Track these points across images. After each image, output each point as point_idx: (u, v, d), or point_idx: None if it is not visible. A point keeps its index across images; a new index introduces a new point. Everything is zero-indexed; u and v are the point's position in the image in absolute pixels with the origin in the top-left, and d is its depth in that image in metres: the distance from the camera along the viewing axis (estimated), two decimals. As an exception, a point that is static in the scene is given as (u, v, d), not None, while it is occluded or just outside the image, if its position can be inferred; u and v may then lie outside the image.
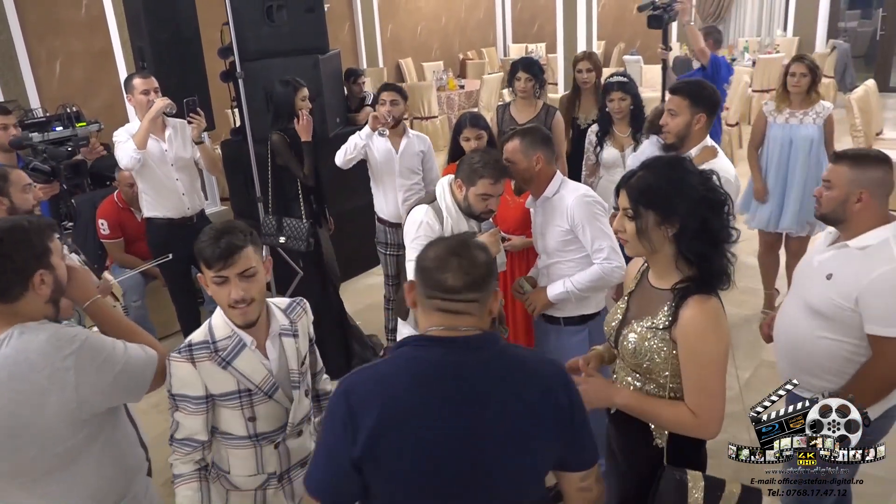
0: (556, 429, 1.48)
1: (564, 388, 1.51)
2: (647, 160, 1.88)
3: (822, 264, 2.16)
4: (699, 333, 1.71)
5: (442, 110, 9.93)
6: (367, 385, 1.46)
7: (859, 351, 2.09)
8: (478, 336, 1.47)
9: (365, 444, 1.39)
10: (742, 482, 1.79)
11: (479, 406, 1.42)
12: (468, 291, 1.45)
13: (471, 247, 1.50)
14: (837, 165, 2.14)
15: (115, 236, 4.41)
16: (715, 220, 1.75)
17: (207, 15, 5.21)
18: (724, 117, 8.21)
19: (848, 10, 13.47)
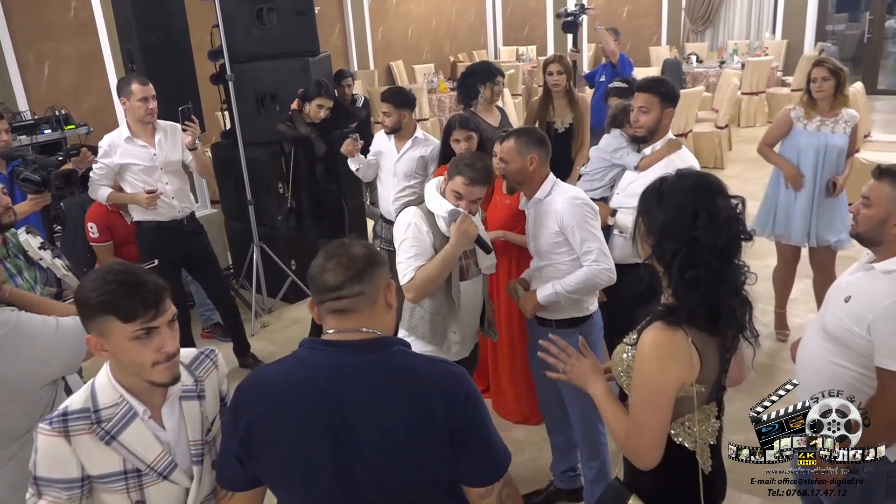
0: (439, 441, 1.43)
1: (462, 399, 1.45)
2: (681, 171, 1.74)
3: (848, 285, 2.02)
4: (643, 359, 1.62)
5: (433, 112, 9.94)
6: (254, 384, 1.53)
7: (869, 383, 1.93)
8: (370, 340, 1.47)
9: (241, 438, 1.46)
10: None
11: (347, 411, 1.42)
12: (350, 285, 1.45)
13: (348, 245, 1.51)
14: (880, 182, 1.97)
15: (104, 239, 4.38)
16: (687, 256, 1.58)
17: (197, 17, 5.19)
18: (715, 119, 8.28)
19: (836, 13, 13.56)
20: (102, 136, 3.90)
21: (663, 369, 1.60)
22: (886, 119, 9.62)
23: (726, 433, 3.52)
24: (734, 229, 1.62)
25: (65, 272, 2.90)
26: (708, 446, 1.72)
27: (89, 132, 6.01)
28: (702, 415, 1.70)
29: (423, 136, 3.97)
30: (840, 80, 3.82)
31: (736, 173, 7.81)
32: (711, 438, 1.73)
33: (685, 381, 1.62)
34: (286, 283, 5.17)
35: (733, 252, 1.63)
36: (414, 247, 2.53)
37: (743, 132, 9.58)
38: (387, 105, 3.88)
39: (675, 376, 1.60)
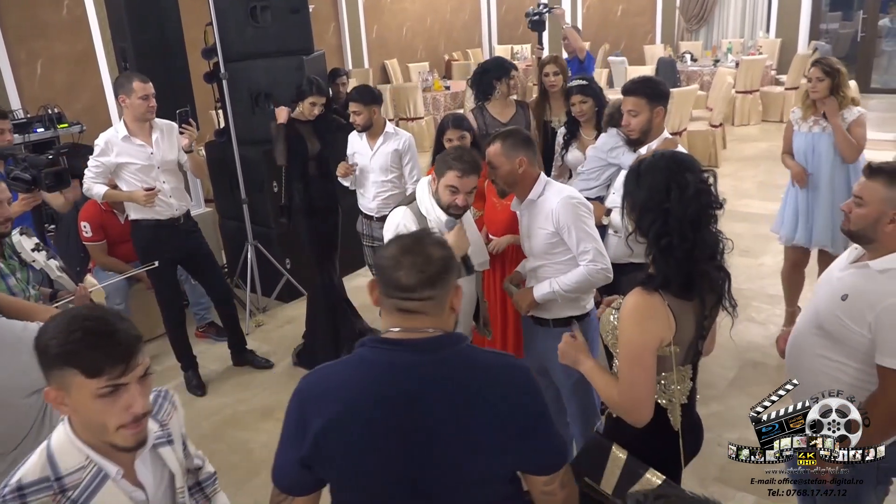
0: (511, 434, 1.45)
1: (527, 394, 1.48)
2: (657, 152, 1.95)
3: (840, 281, 2.04)
4: (624, 320, 1.80)
5: (427, 111, 9.93)
6: (320, 386, 1.48)
7: (861, 377, 1.97)
8: (434, 338, 1.45)
9: (311, 444, 1.42)
10: (666, 478, 1.79)
11: (426, 409, 1.41)
12: (423, 289, 1.43)
13: (425, 243, 1.47)
14: (872, 181, 1.98)
15: (97, 239, 4.37)
16: (663, 226, 1.76)
17: (191, 16, 5.17)
18: (709, 118, 8.30)
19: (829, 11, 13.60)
20: (95, 135, 3.88)
21: (643, 329, 1.78)
22: (880, 117, 9.64)
23: (724, 431, 3.54)
24: (704, 200, 1.80)
25: (59, 273, 2.89)
26: (679, 405, 1.89)
27: (82, 131, 5.98)
28: (678, 374, 1.86)
29: (393, 130, 4.01)
30: (836, 81, 3.76)
31: (730, 171, 7.83)
32: (684, 398, 1.89)
33: (663, 340, 1.78)
34: (281, 282, 5.16)
35: (704, 220, 1.80)
36: None
37: (737, 131, 9.61)
38: (355, 104, 3.91)
39: (654, 335, 1.77)
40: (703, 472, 3.16)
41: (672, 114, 7.61)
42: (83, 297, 3.09)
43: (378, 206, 4.02)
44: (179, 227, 3.96)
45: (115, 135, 3.76)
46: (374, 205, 4.02)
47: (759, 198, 6.76)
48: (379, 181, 3.99)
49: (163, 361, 4.55)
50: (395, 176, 3.99)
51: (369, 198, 4.05)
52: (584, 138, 4.07)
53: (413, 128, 9.73)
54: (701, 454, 3.24)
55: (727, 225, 5.89)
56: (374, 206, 4.02)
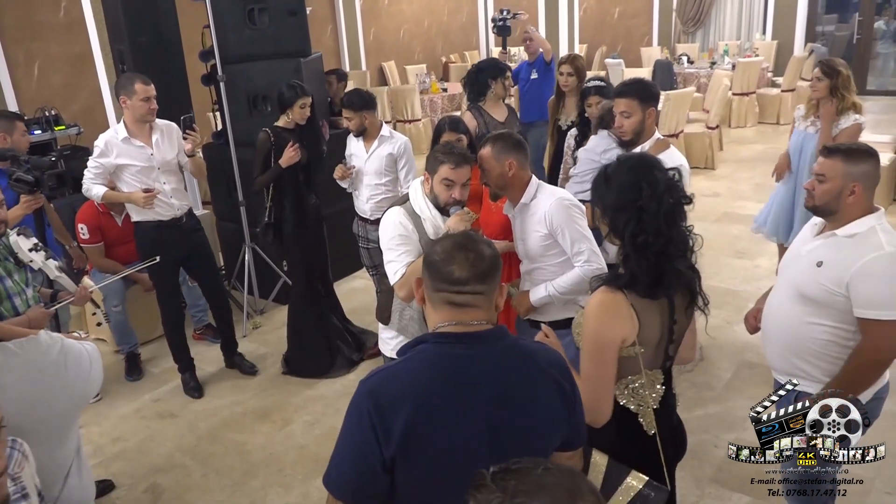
0: (563, 415, 1.54)
1: (566, 374, 1.57)
2: (621, 155, 1.99)
3: (812, 253, 2.22)
4: (587, 317, 1.82)
5: (425, 113, 9.94)
6: (395, 384, 1.46)
7: (850, 336, 2.15)
8: (491, 330, 1.51)
9: (399, 443, 1.40)
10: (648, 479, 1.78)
11: (502, 398, 1.46)
12: (475, 283, 1.48)
13: (477, 241, 1.54)
14: (830, 159, 2.18)
15: (94, 241, 4.37)
16: (637, 225, 1.78)
17: (188, 18, 5.18)
18: (706, 120, 8.32)
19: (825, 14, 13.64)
20: (93, 137, 3.88)
21: (603, 325, 1.79)
22: (876, 120, 9.67)
23: (721, 433, 3.54)
24: (675, 196, 1.81)
25: (57, 273, 2.88)
26: (652, 410, 1.88)
27: (80, 133, 5.98)
28: (646, 379, 1.86)
29: (388, 134, 4.01)
30: (836, 82, 3.79)
31: (727, 173, 7.85)
32: (655, 403, 1.88)
33: (625, 339, 1.79)
34: (278, 285, 5.16)
35: (677, 215, 1.82)
36: (402, 244, 2.55)
37: (734, 132, 9.64)
38: (347, 111, 3.94)
39: (615, 332, 1.78)
40: (699, 472, 3.17)
41: (669, 116, 7.63)
42: (84, 297, 3.09)
43: (371, 208, 4.03)
44: (182, 226, 3.96)
45: (115, 136, 3.75)
46: (368, 207, 4.04)
47: (755, 199, 6.77)
48: (373, 184, 4.00)
49: (159, 364, 4.55)
50: (390, 179, 4.00)
51: (363, 200, 4.07)
52: None
53: (410, 130, 9.74)
54: (697, 455, 3.27)
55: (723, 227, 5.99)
56: (368, 208, 4.04)
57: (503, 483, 0.92)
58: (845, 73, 3.85)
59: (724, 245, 5.72)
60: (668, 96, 7.59)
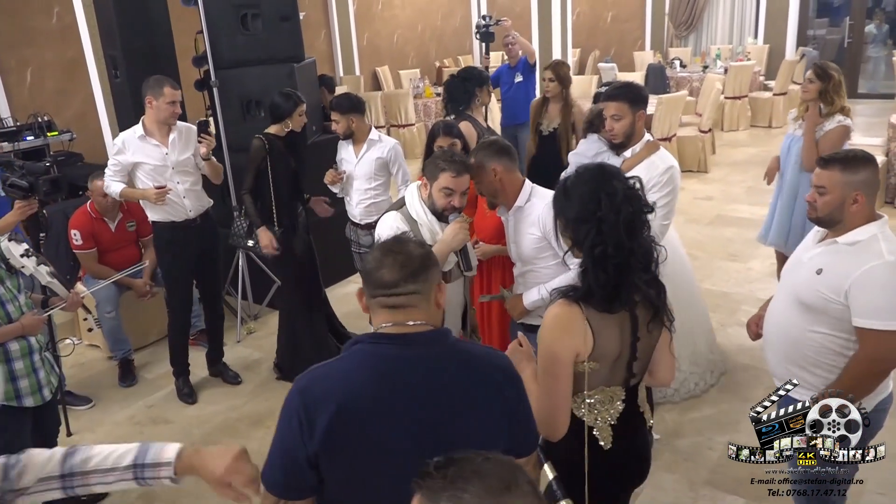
0: (505, 420, 1.52)
1: (511, 380, 1.56)
2: (579, 167, 1.95)
3: (812, 260, 2.20)
4: (543, 330, 1.81)
5: (419, 118, 9.95)
6: (324, 382, 1.50)
7: (848, 345, 2.13)
8: (429, 332, 1.52)
9: (321, 439, 1.43)
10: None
11: (435, 400, 1.46)
12: (406, 283, 1.49)
13: (405, 243, 1.56)
14: (828, 170, 2.14)
15: (87, 247, 4.35)
16: (596, 235, 1.75)
17: (181, 23, 5.18)
18: (698, 123, 8.36)
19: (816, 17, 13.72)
20: (85, 143, 3.89)
21: (556, 339, 1.77)
22: (867, 123, 9.72)
23: (715, 435, 3.54)
24: (635, 205, 1.78)
25: (49, 279, 2.88)
26: (609, 426, 1.85)
27: (72, 139, 5.97)
28: (603, 395, 1.84)
29: (377, 138, 4.01)
30: (827, 85, 3.80)
31: (719, 177, 7.88)
32: (613, 420, 1.85)
33: (579, 354, 1.77)
34: (272, 290, 5.15)
35: (637, 226, 1.78)
36: None
37: (726, 136, 9.68)
38: (334, 113, 3.95)
39: (567, 346, 1.76)
40: (693, 475, 3.18)
41: (662, 119, 7.66)
42: (75, 303, 3.09)
43: (361, 213, 4.03)
44: (197, 227, 3.98)
45: (133, 134, 3.83)
46: (358, 212, 4.04)
47: (747, 202, 6.80)
48: (363, 189, 4.00)
49: (153, 370, 4.54)
50: (380, 184, 4.00)
51: (354, 204, 4.07)
52: None
53: (404, 134, 9.75)
54: (691, 457, 3.28)
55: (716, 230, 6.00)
56: (358, 213, 4.04)
57: (444, 471, 0.98)
58: (837, 77, 3.86)
59: (717, 248, 5.74)
60: (661, 100, 7.62)
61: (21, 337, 2.71)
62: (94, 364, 4.68)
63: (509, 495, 0.96)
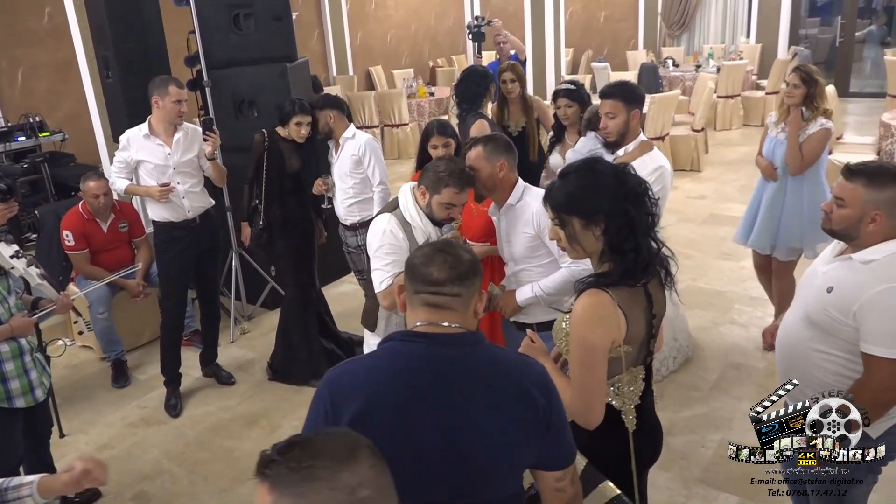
0: (533, 429, 1.50)
1: (544, 389, 1.53)
2: (564, 168, 1.95)
3: (826, 275, 2.07)
4: (575, 322, 1.80)
5: (412, 117, 9.94)
6: (350, 377, 1.50)
7: (852, 367, 2.01)
8: (462, 334, 1.52)
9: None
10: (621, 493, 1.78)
11: (460, 401, 1.46)
12: (452, 284, 1.51)
13: (457, 247, 1.58)
14: (852, 183, 2.00)
15: (79, 248, 4.34)
16: (636, 210, 1.80)
17: (173, 23, 5.16)
18: (691, 122, 8.38)
19: (808, 17, 13.78)
20: (77, 144, 3.88)
21: (593, 329, 1.77)
22: (858, 121, 9.78)
23: (708, 433, 3.56)
24: (636, 177, 1.85)
25: (39, 281, 2.87)
26: (634, 407, 1.88)
27: (64, 139, 5.95)
28: (630, 376, 1.86)
29: (351, 135, 3.98)
30: (812, 90, 3.80)
31: (712, 176, 7.90)
32: (637, 399, 1.89)
33: (615, 340, 1.78)
34: (266, 290, 5.14)
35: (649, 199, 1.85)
36: (391, 254, 2.53)
37: (719, 135, 9.71)
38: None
39: (605, 335, 1.76)
40: (686, 473, 3.19)
41: (654, 118, 7.68)
42: (66, 305, 3.07)
43: (344, 212, 4.03)
44: (196, 227, 3.98)
45: (138, 132, 3.84)
46: (342, 211, 4.05)
47: (740, 201, 6.80)
48: (343, 188, 4.00)
49: (146, 371, 4.52)
50: (357, 182, 3.97)
51: (338, 204, 4.08)
52: (567, 142, 4.10)
53: (398, 134, 9.75)
54: (685, 456, 3.29)
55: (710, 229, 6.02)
56: (342, 212, 4.05)
57: (289, 455, 1.02)
58: (822, 81, 3.88)
59: (711, 247, 5.76)
60: (654, 99, 7.63)
61: (11, 338, 2.69)
62: (86, 365, 4.66)
63: (356, 461, 1.02)
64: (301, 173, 4.10)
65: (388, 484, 1.07)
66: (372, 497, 1.01)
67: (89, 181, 4.28)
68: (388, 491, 1.07)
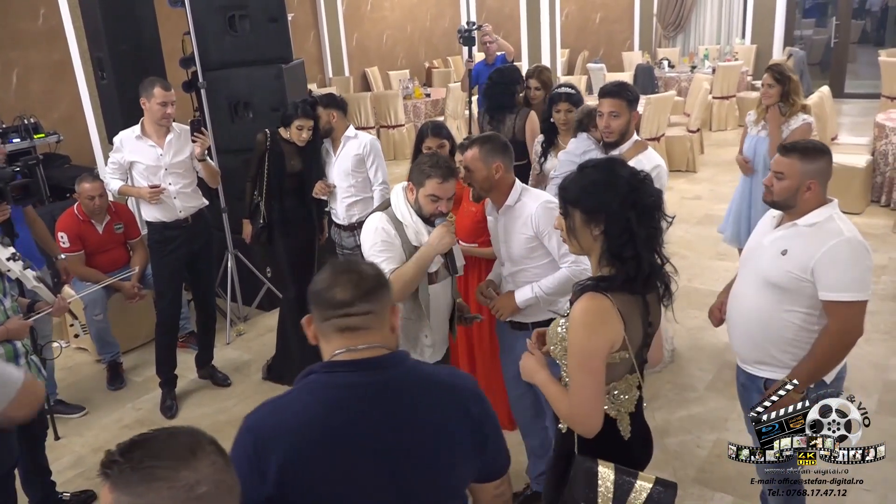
0: (472, 443, 1.47)
1: (476, 400, 1.50)
2: (584, 162, 1.91)
3: (774, 243, 2.31)
4: (574, 326, 1.76)
5: (408, 119, 9.94)
6: (273, 419, 1.40)
7: (815, 321, 2.24)
8: (385, 356, 1.44)
9: (276, 481, 1.33)
10: (658, 476, 1.76)
11: (394, 427, 1.39)
12: (360, 303, 1.42)
13: (357, 264, 1.50)
14: (788, 158, 2.29)
15: (75, 249, 4.33)
16: (640, 222, 1.75)
17: (168, 25, 5.16)
18: (686, 123, 8.40)
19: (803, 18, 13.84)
20: (73, 145, 3.88)
21: (593, 333, 1.73)
22: (853, 122, 9.81)
23: (703, 433, 3.57)
24: (654, 190, 1.81)
25: (35, 284, 2.86)
26: (628, 414, 1.85)
27: (59, 141, 5.93)
28: (625, 384, 1.84)
29: (353, 134, 4.01)
30: (787, 87, 3.88)
31: (708, 176, 7.92)
32: (632, 407, 1.86)
33: (613, 345, 1.75)
34: (261, 291, 5.14)
35: (662, 205, 1.83)
36: (385, 251, 2.53)
37: (714, 136, 9.72)
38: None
39: (604, 339, 1.73)
40: (681, 473, 3.19)
41: (650, 119, 7.69)
42: (62, 307, 3.07)
43: (344, 212, 4.03)
44: (189, 227, 3.99)
45: (131, 134, 3.86)
46: (341, 212, 4.04)
47: (736, 202, 6.83)
48: (343, 187, 4.00)
49: (142, 373, 4.51)
50: (358, 181, 3.98)
51: (336, 204, 4.07)
52: (560, 146, 4.10)
53: (394, 135, 9.75)
54: (680, 456, 3.30)
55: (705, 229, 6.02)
56: (341, 213, 4.05)
57: (130, 455, 1.02)
58: (795, 78, 3.97)
59: (706, 247, 5.77)
60: (650, 100, 7.65)
61: (6, 341, 2.69)
62: (81, 367, 4.65)
63: (196, 459, 1.04)
64: (302, 174, 4.10)
65: (228, 480, 1.09)
66: (210, 493, 1.03)
67: (84, 182, 4.28)
68: (227, 486, 1.08)
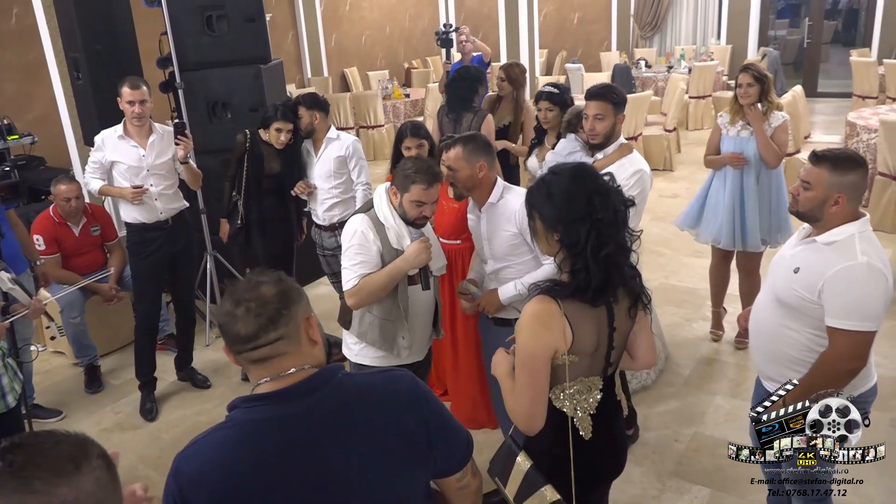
0: (418, 445, 1.41)
1: (413, 404, 1.43)
2: (554, 166, 1.92)
3: (793, 258, 2.22)
4: (520, 327, 1.79)
5: (388, 119, 9.94)
6: (197, 460, 1.32)
7: (819, 342, 2.15)
8: (312, 376, 1.36)
9: None
10: (560, 498, 1.80)
11: (322, 453, 1.32)
12: (266, 333, 1.32)
13: (255, 286, 1.36)
14: (818, 168, 2.15)
15: (51, 252, 4.27)
16: (596, 237, 1.73)
17: (145, 25, 5.11)
18: (663, 123, 8.49)
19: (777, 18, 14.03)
20: (47, 147, 3.83)
21: (534, 336, 1.75)
22: (826, 121, 9.98)
23: (681, 427, 3.60)
24: (622, 199, 1.81)
25: (10, 286, 2.83)
26: (589, 416, 1.85)
27: (34, 142, 5.85)
28: (582, 385, 1.84)
29: (335, 136, 4.01)
30: (765, 87, 3.89)
31: (685, 175, 8.01)
32: (591, 409, 1.86)
33: (557, 349, 1.75)
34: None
35: (626, 220, 1.81)
36: (360, 254, 2.54)
37: (691, 135, 9.83)
38: (300, 107, 3.97)
39: (545, 343, 1.74)
40: (660, 467, 3.23)
41: (627, 119, 7.73)
42: (38, 310, 3.04)
43: (324, 213, 4.03)
44: (168, 228, 3.94)
45: (113, 133, 3.80)
46: (321, 213, 4.04)
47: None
48: (325, 188, 4.00)
49: (120, 375, 4.47)
50: (340, 182, 3.99)
51: (317, 205, 4.06)
52: (545, 145, 4.13)
53: (374, 136, 9.74)
54: (658, 450, 3.34)
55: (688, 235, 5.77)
56: (321, 214, 4.04)
57: (11, 458, 0.96)
58: (771, 77, 3.98)
59: (683, 245, 5.83)
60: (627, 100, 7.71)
61: (-17, 343, 2.66)
62: (59, 371, 4.60)
63: (79, 474, 0.97)
64: (281, 175, 4.09)
65: (111, 499, 1.02)
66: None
67: (60, 184, 4.23)
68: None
